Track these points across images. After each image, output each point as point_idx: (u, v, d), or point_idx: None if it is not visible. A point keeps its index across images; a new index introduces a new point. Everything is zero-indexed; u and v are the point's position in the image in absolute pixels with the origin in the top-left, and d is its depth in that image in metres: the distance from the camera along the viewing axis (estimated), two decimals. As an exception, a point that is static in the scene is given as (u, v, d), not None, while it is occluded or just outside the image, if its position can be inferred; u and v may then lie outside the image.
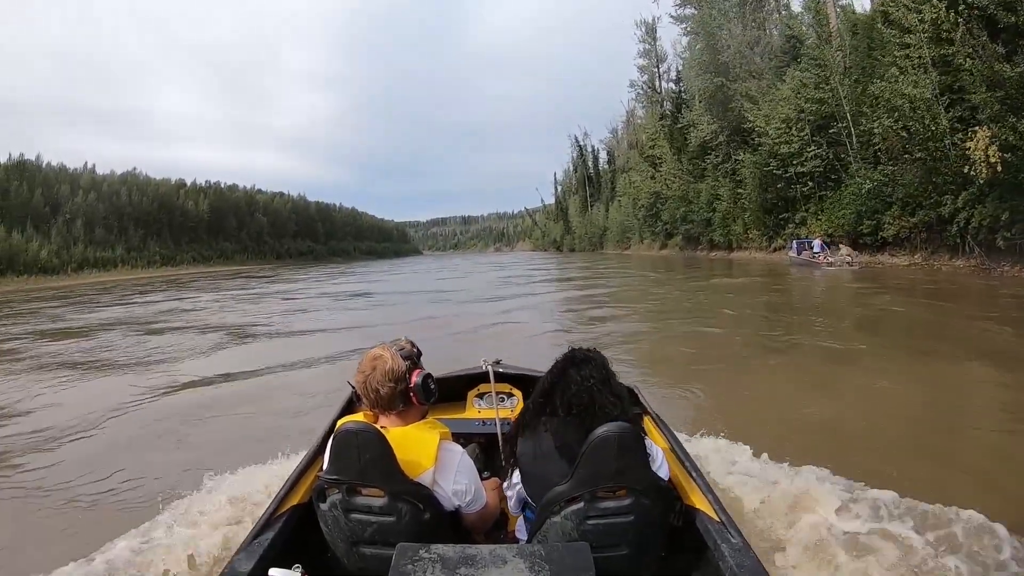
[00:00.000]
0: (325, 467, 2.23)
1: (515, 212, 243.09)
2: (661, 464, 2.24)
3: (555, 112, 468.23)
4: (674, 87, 58.59)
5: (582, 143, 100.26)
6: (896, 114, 23.34)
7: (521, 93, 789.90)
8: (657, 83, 63.69)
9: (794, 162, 31.67)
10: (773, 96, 33.73)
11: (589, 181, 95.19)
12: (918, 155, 23.12)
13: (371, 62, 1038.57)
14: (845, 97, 28.77)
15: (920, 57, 23.11)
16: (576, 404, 2.21)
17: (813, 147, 30.81)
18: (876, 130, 24.88)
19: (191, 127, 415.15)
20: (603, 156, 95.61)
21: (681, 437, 3.16)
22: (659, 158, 54.25)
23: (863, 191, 26.26)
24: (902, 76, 23.17)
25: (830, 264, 24.59)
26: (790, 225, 33.90)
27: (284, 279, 42.84)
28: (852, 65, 29.13)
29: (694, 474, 2.52)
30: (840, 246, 26.86)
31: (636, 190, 61.80)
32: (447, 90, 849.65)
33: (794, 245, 28.58)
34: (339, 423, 2.24)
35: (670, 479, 2.36)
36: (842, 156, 30.14)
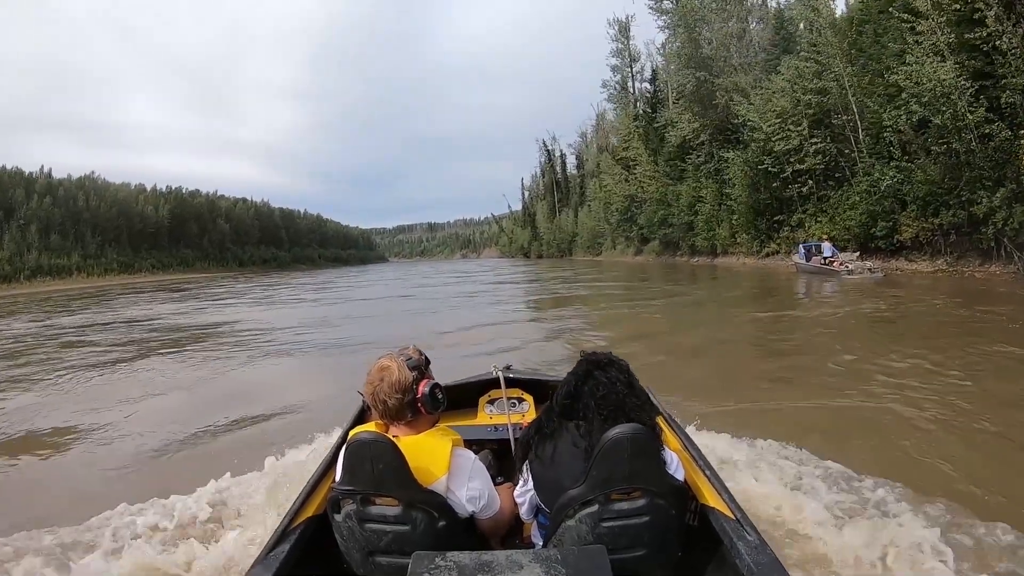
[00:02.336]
0: (338, 478, 2.16)
1: (482, 219, 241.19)
2: (677, 468, 2.16)
3: (524, 122, 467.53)
4: (648, 86, 55.63)
5: (550, 147, 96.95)
6: (925, 99, 20.04)
7: (489, 103, 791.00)
8: (630, 83, 60.63)
9: (791, 159, 28.09)
10: (766, 88, 30.13)
11: (557, 186, 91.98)
12: (953, 145, 19.78)
13: (339, 74, 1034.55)
14: (851, 86, 25.41)
15: (935, 44, 20.17)
16: (605, 406, 2.11)
17: (816, 141, 27.19)
18: (898, 120, 21.60)
19: (159, 137, 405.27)
20: (571, 160, 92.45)
21: (693, 434, 3.13)
22: (633, 160, 50.57)
23: (881, 187, 22.80)
24: (925, 62, 20.05)
25: (849, 272, 20.69)
26: (785, 228, 30.30)
27: (194, 294, 34.73)
28: (857, 52, 25.83)
29: (708, 473, 2.42)
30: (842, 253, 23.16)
31: (608, 194, 58.11)
32: (415, 102, 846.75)
33: (801, 250, 24.47)
34: (351, 433, 2.16)
35: (684, 479, 2.23)
36: (846, 151, 26.72)
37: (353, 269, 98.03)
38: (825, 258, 22.24)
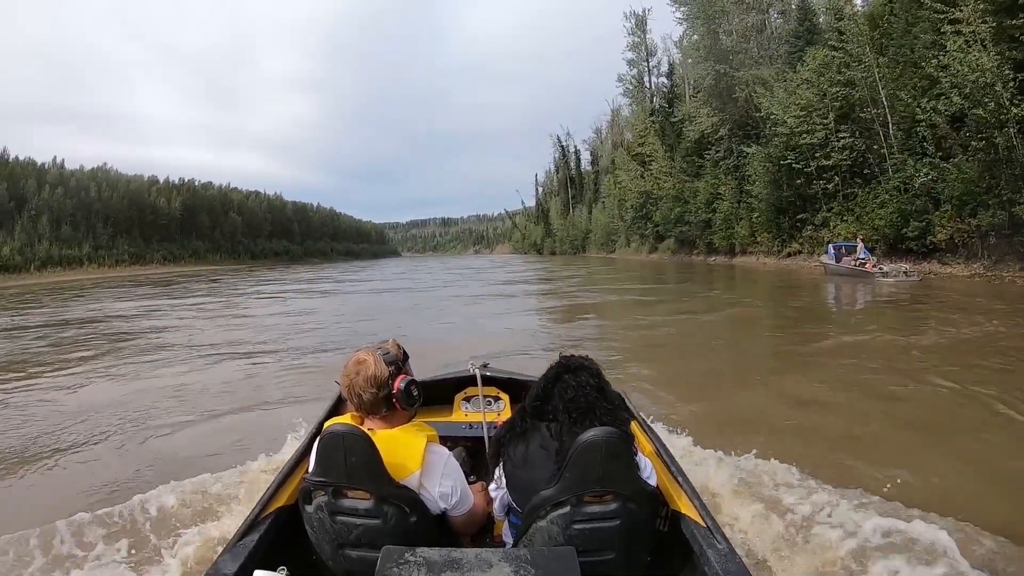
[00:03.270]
0: (311, 469, 2.14)
1: (495, 214, 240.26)
2: (650, 474, 2.16)
3: (539, 119, 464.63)
4: (666, 81, 54.27)
5: (564, 143, 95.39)
6: (967, 90, 18.74)
7: (505, 102, 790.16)
8: (647, 78, 59.30)
9: (816, 154, 26.70)
10: (790, 80, 28.70)
11: (571, 182, 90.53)
12: (996, 140, 18.44)
13: (354, 70, 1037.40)
14: (882, 78, 23.97)
15: (974, 32, 18.88)
16: (574, 409, 2.12)
17: (845, 135, 25.74)
18: (933, 114, 20.27)
19: (172, 130, 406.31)
20: (586, 156, 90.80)
21: (667, 441, 2.97)
22: (649, 156, 49.18)
23: (915, 185, 21.44)
24: (968, 50, 18.75)
25: (884, 274, 19.32)
26: (808, 227, 28.89)
27: (173, 291, 30.44)
28: (888, 42, 24.36)
29: (680, 479, 2.40)
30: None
31: (622, 190, 56.72)
32: (429, 98, 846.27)
33: (830, 250, 22.78)
34: (326, 425, 2.15)
35: (657, 485, 2.23)
36: (875, 147, 25.27)
37: (360, 263, 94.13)
38: (858, 259, 20.81)
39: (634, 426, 2.70)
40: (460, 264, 68.23)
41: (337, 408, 3.05)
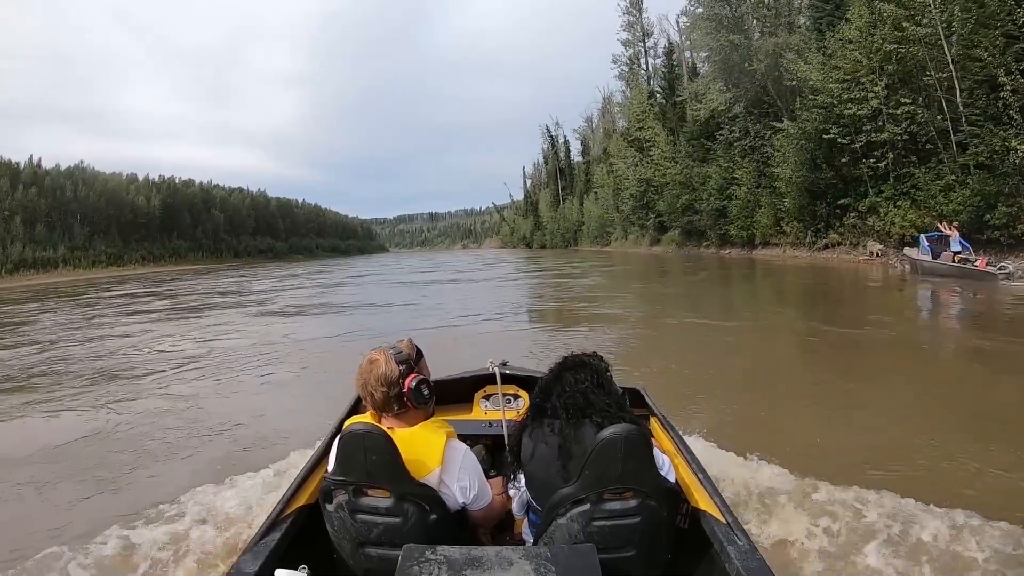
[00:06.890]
0: (331, 468, 2.09)
1: (483, 208, 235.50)
2: (669, 470, 2.07)
3: (528, 112, 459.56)
4: (665, 60, 49.73)
5: (554, 133, 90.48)
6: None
7: (492, 94, 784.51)
8: (643, 60, 54.82)
9: (866, 127, 22.08)
10: (829, 42, 23.92)
11: (561, 174, 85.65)
12: None
13: (341, 63, 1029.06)
14: (950, 35, 19.39)
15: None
16: (571, 406, 2.04)
17: (907, 102, 20.89)
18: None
19: (160, 126, 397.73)
20: (576, 147, 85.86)
21: (687, 438, 2.91)
22: (648, 141, 44.83)
23: (1013, 162, 16.95)
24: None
25: (1008, 275, 14.12)
26: (851, 214, 24.06)
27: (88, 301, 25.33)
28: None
29: (700, 476, 2.34)
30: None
31: (618, 179, 52.14)
32: (418, 93, 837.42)
33: (924, 243, 17.03)
34: (345, 424, 2.11)
35: (676, 481, 2.15)
36: (937, 118, 20.61)
37: (326, 262, 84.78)
38: (955, 254, 15.90)
39: (653, 422, 2.84)
40: (444, 262, 57.12)
41: (356, 408, 3.01)
